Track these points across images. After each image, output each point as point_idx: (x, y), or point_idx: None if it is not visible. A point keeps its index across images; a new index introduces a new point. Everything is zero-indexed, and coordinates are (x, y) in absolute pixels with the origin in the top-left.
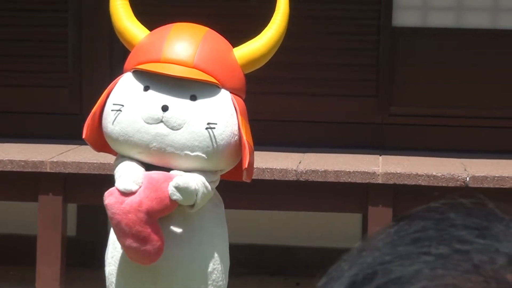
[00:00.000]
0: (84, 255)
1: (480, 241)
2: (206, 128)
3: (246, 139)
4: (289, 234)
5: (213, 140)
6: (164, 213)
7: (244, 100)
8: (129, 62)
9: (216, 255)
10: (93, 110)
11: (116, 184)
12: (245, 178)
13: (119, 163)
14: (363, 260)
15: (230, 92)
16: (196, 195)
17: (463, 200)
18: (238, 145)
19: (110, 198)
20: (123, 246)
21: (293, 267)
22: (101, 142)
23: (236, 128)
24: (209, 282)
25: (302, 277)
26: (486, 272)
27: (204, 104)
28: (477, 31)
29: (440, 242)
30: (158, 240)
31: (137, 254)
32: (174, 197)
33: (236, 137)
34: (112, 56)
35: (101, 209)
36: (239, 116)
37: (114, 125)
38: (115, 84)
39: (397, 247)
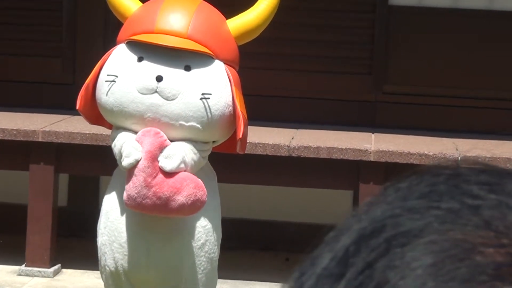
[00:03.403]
0: (75, 225)
1: (491, 196)
2: (201, 99)
3: (241, 110)
4: (280, 210)
5: (208, 111)
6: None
7: (238, 72)
8: (123, 33)
9: (209, 226)
10: (86, 82)
11: (123, 165)
12: (239, 150)
13: (115, 135)
14: (372, 213)
15: (224, 63)
16: (186, 162)
17: (477, 160)
18: (232, 116)
19: (127, 198)
20: (179, 213)
21: (283, 243)
22: (95, 115)
23: (230, 99)
24: (202, 254)
25: (291, 253)
26: (497, 227)
27: (199, 75)
28: (473, 12)
29: (451, 197)
30: (188, 179)
31: (190, 205)
32: (168, 167)
33: (230, 108)
34: (106, 26)
35: (93, 180)
36: (233, 87)
37: (108, 96)
38: (109, 55)
39: (407, 201)
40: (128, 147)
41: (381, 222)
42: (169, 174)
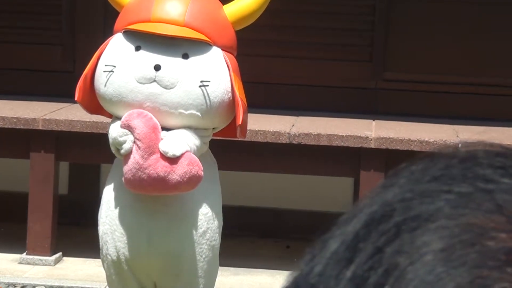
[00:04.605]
0: (76, 213)
1: (505, 180)
2: (200, 86)
3: (239, 96)
4: (281, 197)
5: (207, 98)
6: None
7: (236, 57)
8: (119, 23)
9: (210, 214)
10: (84, 72)
11: (121, 154)
12: (239, 135)
13: (109, 127)
14: (383, 197)
15: (222, 50)
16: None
17: (494, 142)
18: (231, 102)
19: (124, 181)
20: (177, 190)
21: (284, 230)
22: (94, 105)
23: (229, 85)
24: (203, 241)
25: (292, 240)
26: (510, 212)
27: (197, 62)
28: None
29: (463, 180)
30: (181, 156)
31: (187, 182)
32: (172, 153)
33: (229, 94)
34: (106, 14)
35: (93, 167)
36: (232, 73)
37: (106, 87)
38: (106, 45)
39: (419, 184)
40: (117, 137)
41: (391, 206)
42: (163, 155)
